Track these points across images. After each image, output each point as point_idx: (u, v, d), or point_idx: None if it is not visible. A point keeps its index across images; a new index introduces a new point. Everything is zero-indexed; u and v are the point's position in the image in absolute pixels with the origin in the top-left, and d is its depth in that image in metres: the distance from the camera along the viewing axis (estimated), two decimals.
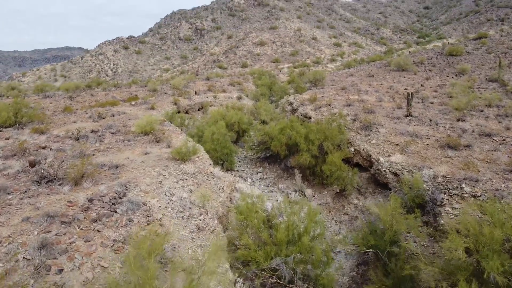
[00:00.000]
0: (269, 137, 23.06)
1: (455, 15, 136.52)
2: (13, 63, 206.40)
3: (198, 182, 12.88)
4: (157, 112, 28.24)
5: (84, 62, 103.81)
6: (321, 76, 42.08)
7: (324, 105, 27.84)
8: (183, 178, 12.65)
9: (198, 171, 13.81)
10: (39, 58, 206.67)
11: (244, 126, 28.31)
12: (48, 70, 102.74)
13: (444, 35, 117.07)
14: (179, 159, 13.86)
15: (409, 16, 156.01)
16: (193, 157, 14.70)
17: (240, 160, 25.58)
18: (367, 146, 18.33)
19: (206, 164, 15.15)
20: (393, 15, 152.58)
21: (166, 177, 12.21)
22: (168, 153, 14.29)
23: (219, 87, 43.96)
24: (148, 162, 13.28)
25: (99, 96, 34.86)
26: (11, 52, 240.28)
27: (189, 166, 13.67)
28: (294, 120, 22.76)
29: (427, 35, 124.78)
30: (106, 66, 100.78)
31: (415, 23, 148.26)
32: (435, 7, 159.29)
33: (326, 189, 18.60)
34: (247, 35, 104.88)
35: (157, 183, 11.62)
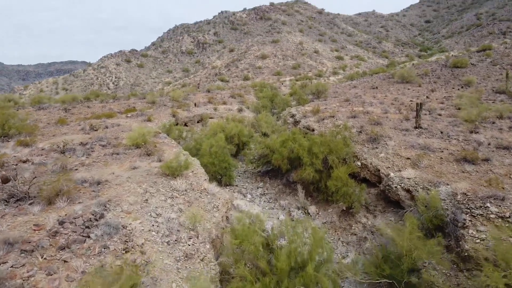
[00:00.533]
0: (270, 150, 21.73)
1: (456, 28, 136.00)
2: (17, 76, 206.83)
3: (189, 200, 11.49)
4: (153, 124, 27.00)
5: (86, 76, 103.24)
6: (323, 88, 40.92)
7: (328, 116, 26.54)
8: (173, 195, 11.27)
9: (191, 187, 12.42)
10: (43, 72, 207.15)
11: (244, 138, 26.99)
12: (50, 83, 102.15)
13: (446, 48, 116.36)
14: (169, 174, 12.49)
15: (411, 30, 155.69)
16: (185, 172, 13.33)
17: (240, 175, 24.20)
18: (375, 160, 16.94)
19: (201, 179, 13.78)
20: (395, 29, 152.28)
21: (153, 195, 10.84)
22: (158, 168, 12.93)
23: (220, 99, 42.81)
24: (135, 177, 11.93)
25: (95, 108, 33.70)
26: (15, 66, 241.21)
27: (180, 182, 12.28)
28: (296, 132, 21.44)
29: (429, 48, 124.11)
30: (108, 79, 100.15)
31: (416, 37, 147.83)
32: (436, 21, 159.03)
33: (331, 206, 17.16)
34: (249, 48, 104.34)
35: (142, 201, 10.24)
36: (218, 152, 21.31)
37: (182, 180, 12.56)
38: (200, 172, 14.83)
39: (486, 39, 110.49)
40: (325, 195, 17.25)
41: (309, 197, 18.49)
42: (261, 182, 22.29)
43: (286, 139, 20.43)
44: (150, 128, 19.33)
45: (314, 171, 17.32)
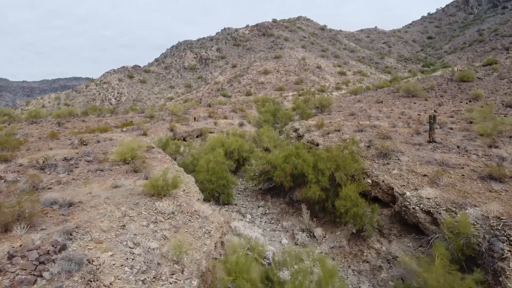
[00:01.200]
0: (271, 166, 20.07)
1: (459, 44, 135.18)
2: (22, 93, 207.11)
3: (177, 225, 9.79)
4: (149, 138, 25.44)
5: (88, 91, 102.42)
6: (327, 102, 39.41)
7: (333, 130, 24.92)
8: (157, 220, 9.58)
9: (179, 209, 10.72)
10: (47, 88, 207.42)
11: (245, 154, 25.34)
12: (52, 99, 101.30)
13: (449, 63, 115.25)
14: (154, 194, 10.82)
15: (413, 46, 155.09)
16: (174, 191, 11.64)
17: (240, 192, 22.48)
18: (387, 177, 15.23)
19: (193, 199, 12.11)
20: (397, 45, 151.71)
21: (133, 219, 9.15)
22: (143, 187, 11.27)
23: (221, 114, 41.33)
24: (115, 198, 10.28)
25: (91, 123, 32.25)
26: (19, 82, 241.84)
27: (166, 203, 10.58)
28: (300, 147, 19.79)
29: (431, 64, 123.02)
30: (110, 95, 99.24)
31: (419, 53, 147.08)
32: (438, 37, 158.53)
33: (339, 229, 15.38)
34: (251, 64, 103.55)
35: (119, 227, 8.56)
36: (216, 168, 19.66)
37: (169, 201, 10.86)
38: (193, 191, 13.17)
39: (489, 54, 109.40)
40: (333, 216, 15.51)
41: (314, 218, 16.73)
42: (262, 201, 20.56)
43: (289, 154, 18.79)
44: (142, 142, 17.72)
45: (320, 189, 15.60)
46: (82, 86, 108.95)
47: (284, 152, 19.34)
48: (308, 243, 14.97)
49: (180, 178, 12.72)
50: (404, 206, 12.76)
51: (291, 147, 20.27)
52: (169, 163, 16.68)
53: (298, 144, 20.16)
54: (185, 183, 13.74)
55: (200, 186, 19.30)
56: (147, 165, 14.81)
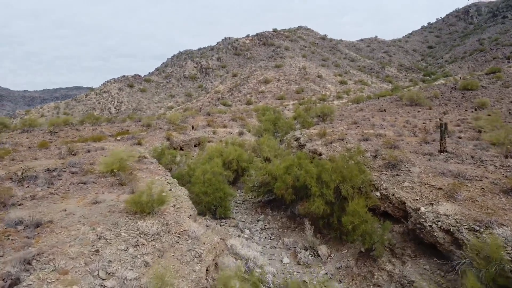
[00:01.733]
0: (272, 177, 18.74)
1: (459, 53, 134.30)
2: (23, 102, 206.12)
3: (162, 248, 8.45)
4: (143, 148, 24.17)
5: (88, 100, 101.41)
6: (329, 110, 38.18)
7: (336, 139, 23.62)
8: (138, 242, 8.25)
9: (166, 229, 9.38)
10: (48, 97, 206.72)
11: (244, 164, 24.03)
12: (51, 108, 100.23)
13: (450, 73, 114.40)
14: (137, 211, 9.50)
15: (413, 55, 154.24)
16: (162, 208, 10.29)
17: (238, 205, 21.12)
18: (398, 190, 13.88)
19: (183, 216, 10.77)
20: (397, 54, 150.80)
21: (110, 242, 7.83)
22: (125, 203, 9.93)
23: (220, 122, 40.08)
24: (91, 216, 8.97)
25: (85, 131, 31.01)
26: (21, 91, 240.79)
27: (151, 222, 9.23)
28: (302, 157, 18.47)
29: (432, 73, 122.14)
30: (109, 104, 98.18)
31: (419, 62, 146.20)
32: (439, 47, 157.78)
33: (346, 247, 14.00)
34: (252, 73, 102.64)
35: (91, 253, 7.23)
36: (212, 179, 18.33)
37: (154, 219, 9.51)
38: (184, 206, 11.84)
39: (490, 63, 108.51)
40: (338, 232, 14.13)
41: (318, 234, 15.34)
42: (261, 214, 19.18)
43: (291, 165, 17.47)
44: (133, 152, 16.43)
45: (324, 203, 14.25)
46: (81, 95, 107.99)
47: (285, 162, 18.03)
48: (311, 262, 13.57)
49: (168, 193, 11.42)
50: (419, 223, 11.39)
51: (292, 157, 18.94)
52: (161, 174, 15.37)
53: (300, 154, 18.85)
54: (176, 197, 12.42)
55: (195, 199, 18.01)
56: (135, 177, 13.50)
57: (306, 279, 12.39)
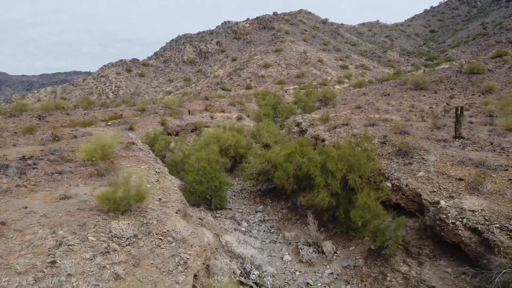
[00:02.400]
0: (272, 165, 17.25)
1: (462, 38, 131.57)
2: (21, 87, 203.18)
3: (138, 255, 6.98)
4: (135, 133, 22.62)
5: (86, 85, 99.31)
6: (332, 94, 36.52)
7: (340, 125, 22.09)
8: (109, 249, 6.78)
9: (146, 230, 7.90)
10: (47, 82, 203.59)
11: (242, 150, 22.52)
12: (48, 92, 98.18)
13: (453, 57, 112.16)
14: (111, 210, 8.01)
15: (416, 40, 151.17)
16: (144, 203, 8.79)
17: (235, 194, 19.69)
18: (412, 181, 12.40)
19: (170, 212, 9.29)
20: (399, 39, 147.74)
21: (73, 250, 6.37)
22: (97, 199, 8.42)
23: (218, 107, 38.41)
24: (56, 216, 7.50)
25: (76, 116, 29.43)
26: (19, 76, 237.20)
27: (126, 222, 7.74)
28: (304, 143, 16.93)
29: (435, 58, 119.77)
30: (107, 89, 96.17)
31: (421, 46, 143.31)
32: (441, 31, 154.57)
33: (353, 243, 12.58)
34: (251, 57, 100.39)
35: (46, 265, 5.77)
36: (207, 167, 16.83)
37: (131, 218, 8.02)
38: (172, 199, 10.35)
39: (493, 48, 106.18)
40: (345, 227, 12.72)
41: (322, 228, 13.92)
42: (260, 205, 17.75)
43: (292, 152, 15.95)
44: (119, 138, 14.91)
45: (329, 195, 12.79)
46: (79, 80, 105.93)
47: (286, 149, 16.51)
48: (315, 260, 12.16)
49: (154, 185, 9.93)
50: (439, 219, 9.93)
51: (294, 144, 17.40)
52: (150, 163, 13.86)
53: (302, 140, 17.28)
54: (164, 189, 10.93)
55: (189, 188, 16.58)
56: (117, 166, 11.98)
57: (310, 280, 11.00)
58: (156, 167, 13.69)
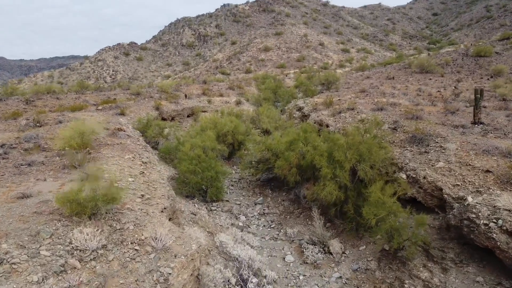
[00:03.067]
0: (272, 154, 15.78)
1: (465, 21, 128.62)
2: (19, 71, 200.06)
3: (105, 273, 5.54)
4: (127, 118, 21.08)
5: (83, 69, 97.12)
6: (334, 78, 34.79)
7: (345, 109, 20.53)
8: (66, 267, 5.33)
9: (118, 238, 6.43)
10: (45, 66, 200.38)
11: (241, 137, 21.03)
12: (45, 76, 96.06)
13: (456, 41, 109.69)
14: (75, 213, 6.54)
15: (418, 23, 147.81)
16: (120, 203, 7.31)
17: (233, 183, 18.23)
18: (430, 172, 10.93)
19: (153, 212, 7.84)
20: (402, 22, 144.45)
21: (17, 270, 4.89)
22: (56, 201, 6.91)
23: (216, 91, 36.72)
24: (3, 222, 6.04)
25: (67, 100, 27.82)
26: (17, 60, 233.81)
27: (92, 230, 6.26)
28: (308, 130, 15.42)
29: (437, 41, 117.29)
30: (105, 73, 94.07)
31: (424, 30, 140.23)
32: (444, 14, 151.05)
33: (364, 241, 11.17)
34: (251, 41, 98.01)
35: None
36: (202, 156, 15.35)
37: (100, 224, 6.54)
38: (158, 195, 8.89)
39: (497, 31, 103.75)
40: (354, 223, 11.30)
41: (327, 223, 12.52)
42: (260, 196, 16.32)
43: (295, 140, 14.46)
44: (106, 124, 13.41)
45: (337, 188, 11.33)
46: (76, 64, 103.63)
47: (288, 136, 15.01)
48: (321, 262, 10.76)
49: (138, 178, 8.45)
50: (467, 219, 8.49)
51: (296, 130, 15.88)
52: (136, 152, 12.37)
53: (306, 126, 15.77)
54: (149, 182, 9.47)
55: (182, 179, 15.14)
56: (98, 156, 10.47)
57: (315, 286, 9.62)
58: (144, 156, 12.22)
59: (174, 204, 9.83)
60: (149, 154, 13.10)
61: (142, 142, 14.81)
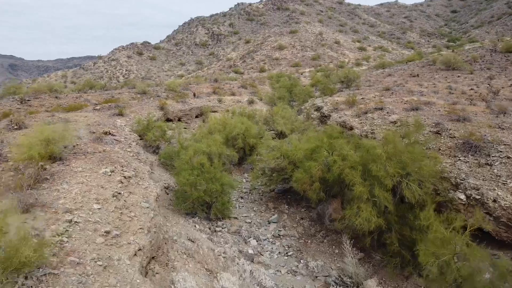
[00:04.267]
0: (289, 162, 13.07)
1: (486, 18, 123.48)
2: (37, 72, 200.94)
3: None
4: (125, 119, 18.63)
5: (96, 69, 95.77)
6: (355, 75, 31.84)
7: (373, 109, 17.68)
8: None
9: None
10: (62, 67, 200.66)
11: (252, 140, 18.39)
12: (58, 76, 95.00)
13: (477, 38, 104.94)
14: None
15: (436, 20, 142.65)
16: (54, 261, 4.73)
17: (244, 195, 15.57)
18: (503, 194, 8.10)
19: (114, 263, 5.24)
20: (419, 19, 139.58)
21: None
22: None
23: (228, 90, 34.11)
24: None
25: (66, 99, 25.58)
26: (35, 61, 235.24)
27: None
28: (334, 134, 12.60)
29: (457, 39, 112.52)
30: (118, 72, 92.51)
31: (442, 27, 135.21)
32: (463, 11, 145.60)
33: (412, 284, 8.41)
34: (265, 39, 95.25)
35: None
36: (206, 165, 12.72)
37: None
38: (133, 229, 6.29)
39: None
40: (399, 259, 8.53)
41: (358, 252, 9.76)
42: (274, 212, 13.61)
43: (317, 147, 11.71)
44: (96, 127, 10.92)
45: (375, 213, 8.57)
46: (89, 64, 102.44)
47: (309, 142, 12.26)
48: None
49: (98, 208, 5.86)
50: None
51: (319, 135, 13.11)
52: (122, 162, 9.80)
53: (331, 130, 12.96)
54: (123, 209, 6.87)
55: (181, 192, 12.56)
56: (61, 171, 7.93)
57: None
58: (131, 168, 9.65)
59: (159, 235, 7.24)
60: (139, 164, 10.55)
61: (135, 148, 12.28)
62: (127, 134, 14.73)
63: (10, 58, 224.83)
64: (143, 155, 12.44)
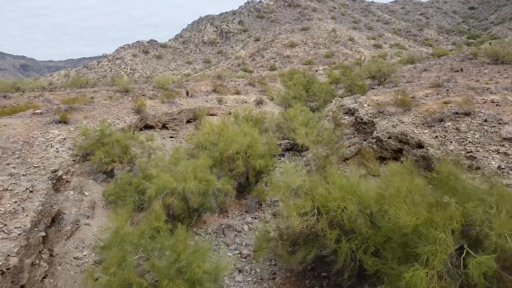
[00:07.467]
0: (329, 222, 6.26)
1: (507, 14, 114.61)
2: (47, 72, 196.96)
3: None
4: (67, 129, 11.96)
5: (100, 67, 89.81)
6: (390, 69, 24.79)
7: (452, 114, 10.75)
8: None
9: None
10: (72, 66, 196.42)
11: (260, 162, 11.46)
12: (61, 75, 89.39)
13: (498, 35, 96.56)
14: None
15: (453, 17, 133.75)
16: None
17: (242, 266, 8.77)
18: None
19: None
20: (436, 16, 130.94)
21: None
22: None
23: (231, 87, 27.26)
24: None
25: (19, 99, 19.11)
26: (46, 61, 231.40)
27: None
28: (408, 167, 5.77)
29: (477, 36, 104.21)
30: (122, 71, 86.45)
31: (460, 24, 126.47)
32: (482, 7, 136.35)
33: None
34: (276, 37, 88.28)
35: None
36: (165, 233, 5.97)
37: None
38: None
39: None
40: None
41: None
42: None
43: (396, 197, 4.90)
44: None
45: None
46: (93, 62, 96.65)
47: (391, 186, 5.39)
48: None
49: None
50: None
51: (397, 167, 6.20)
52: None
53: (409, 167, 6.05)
54: None
55: None
56: None
57: None
58: None
59: None
60: None
61: (26, 183, 5.57)
62: (51, 156, 8.07)
63: (22, 59, 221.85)
64: (29, 205, 5.74)
